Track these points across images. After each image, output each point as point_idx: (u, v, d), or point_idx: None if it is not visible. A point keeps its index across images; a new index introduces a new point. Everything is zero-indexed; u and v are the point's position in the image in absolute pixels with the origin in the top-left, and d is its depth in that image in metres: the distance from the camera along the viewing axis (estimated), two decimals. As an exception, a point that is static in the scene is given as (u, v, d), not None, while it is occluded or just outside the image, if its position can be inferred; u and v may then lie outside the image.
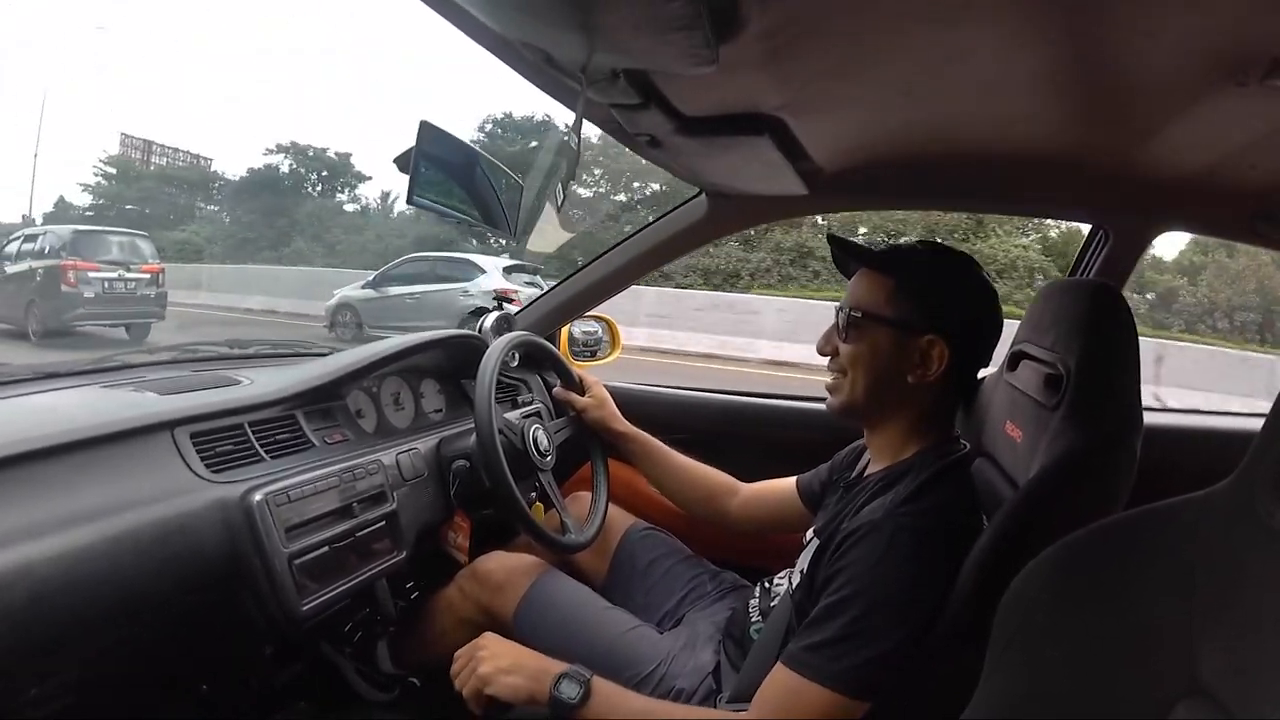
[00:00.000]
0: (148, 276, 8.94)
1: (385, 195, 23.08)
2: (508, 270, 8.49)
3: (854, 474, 1.07)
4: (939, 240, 1.12)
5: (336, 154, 22.77)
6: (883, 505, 0.88)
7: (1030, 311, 1.06)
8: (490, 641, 0.98)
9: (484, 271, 8.48)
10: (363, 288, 9.62)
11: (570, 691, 0.89)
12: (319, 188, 22.91)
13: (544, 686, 0.90)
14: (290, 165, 22.99)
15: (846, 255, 1.02)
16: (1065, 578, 0.63)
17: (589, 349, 1.71)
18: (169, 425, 0.90)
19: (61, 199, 25.40)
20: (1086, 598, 0.62)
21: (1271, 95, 0.74)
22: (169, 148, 24.95)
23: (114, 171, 23.43)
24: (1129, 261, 1.40)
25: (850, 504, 0.96)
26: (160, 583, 0.80)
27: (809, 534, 1.05)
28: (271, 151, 22.96)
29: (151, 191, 23.44)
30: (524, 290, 8.35)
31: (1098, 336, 0.89)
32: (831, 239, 1.03)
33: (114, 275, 8.70)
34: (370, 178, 23.39)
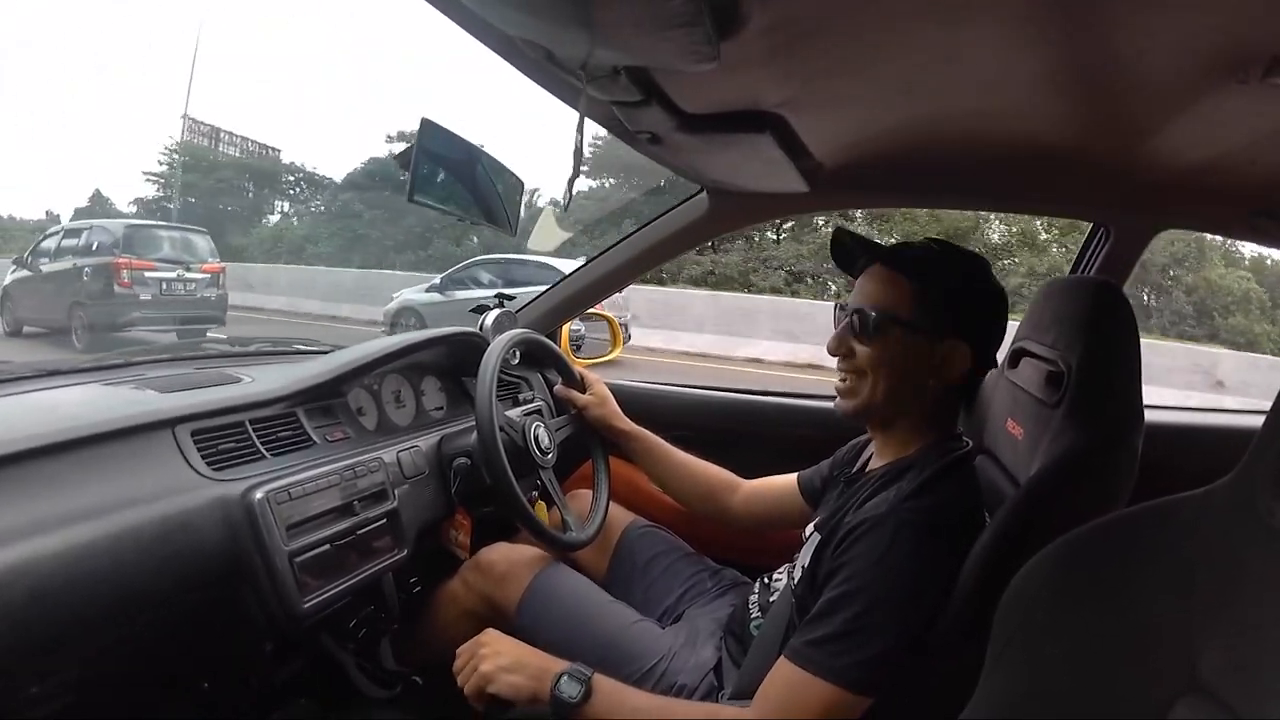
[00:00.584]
0: (207, 277, 8.20)
1: (532, 192, 21.30)
2: None
3: (855, 469, 1.07)
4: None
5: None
6: (886, 500, 0.89)
7: (1031, 309, 1.06)
8: (492, 639, 0.98)
9: (562, 274, 8.11)
10: (426, 291, 9.04)
11: (571, 690, 0.89)
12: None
13: (545, 685, 0.90)
14: (412, 156, 21.10)
15: (860, 252, 1.00)
16: (1065, 575, 0.63)
17: (589, 347, 1.72)
18: (170, 423, 0.90)
19: (98, 192, 23.80)
20: (1086, 595, 0.62)
21: (1272, 93, 0.73)
22: (237, 135, 22.21)
23: (187, 159, 21.09)
24: (1130, 259, 1.40)
25: (853, 499, 0.96)
26: (161, 581, 0.80)
27: (809, 529, 1.04)
28: (392, 140, 20.26)
29: (228, 182, 21.39)
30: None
31: (1099, 334, 0.89)
32: (846, 234, 1.00)
33: (173, 275, 7.90)
34: (501, 172, 21.42)
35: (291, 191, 22.96)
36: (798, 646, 0.85)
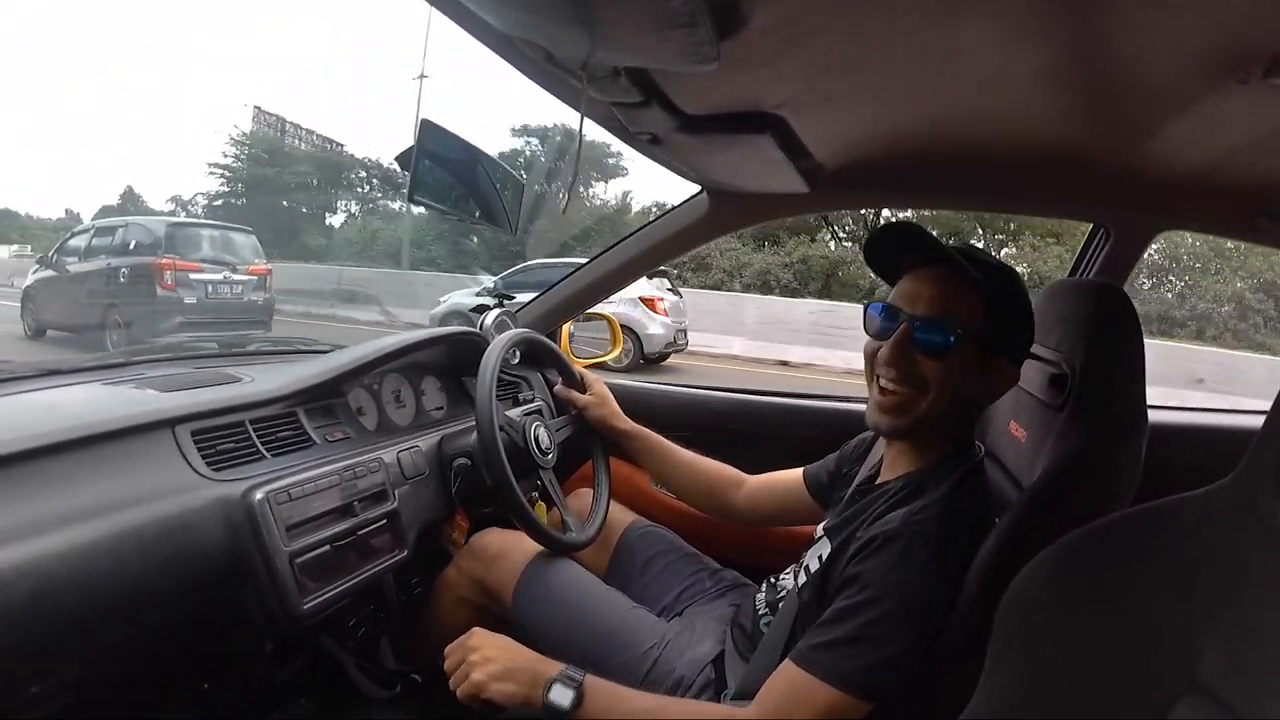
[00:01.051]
0: (254, 279, 7.66)
1: (625, 194, 20.31)
2: (649, 275, 7.87)
3: (865, 472, 1.06)
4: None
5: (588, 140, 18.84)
6: (898, 516, 0.87)
7: (1034, 310, 1.06)
8: (480, 641, 0.95)
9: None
10: (477, 294, 8.55)
11: (563, 698, 0.88)
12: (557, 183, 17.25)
13: (537, 692, 0.89)
14: (532, 151, 19.05)
15: (935, 255, 0.90)
16: (1066, 576, 0.63)
17: (590, 347, 1.72)
18: (170, 423, 0.90)
19: (130, 189, 22.43)
20: (1086, 596, 0.62)
21: (1272, 93, 0.73)
22: (302, 128, 20.33)
23: (262, 154, 19.25)
24: (1130, 260, 1.40)
25: (867, 511, 0.94)
26: (161, 581, 0.80)
27: (819, 530, 1.04)
28: (517, 133, 19.32)
29: (302, 178, 19.61)
30: (668, 298, 8.05)
31: (1103, 336, 0.89)
32: (910, 230, 0.91)
33: (219, 277, 7.35)
34: (626, 171, 19.37)
35: (361, 189, 21.06)
36: (804, 650, 0.85)
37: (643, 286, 7.86)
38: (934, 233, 0.92)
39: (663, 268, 8.60)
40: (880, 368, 0.92)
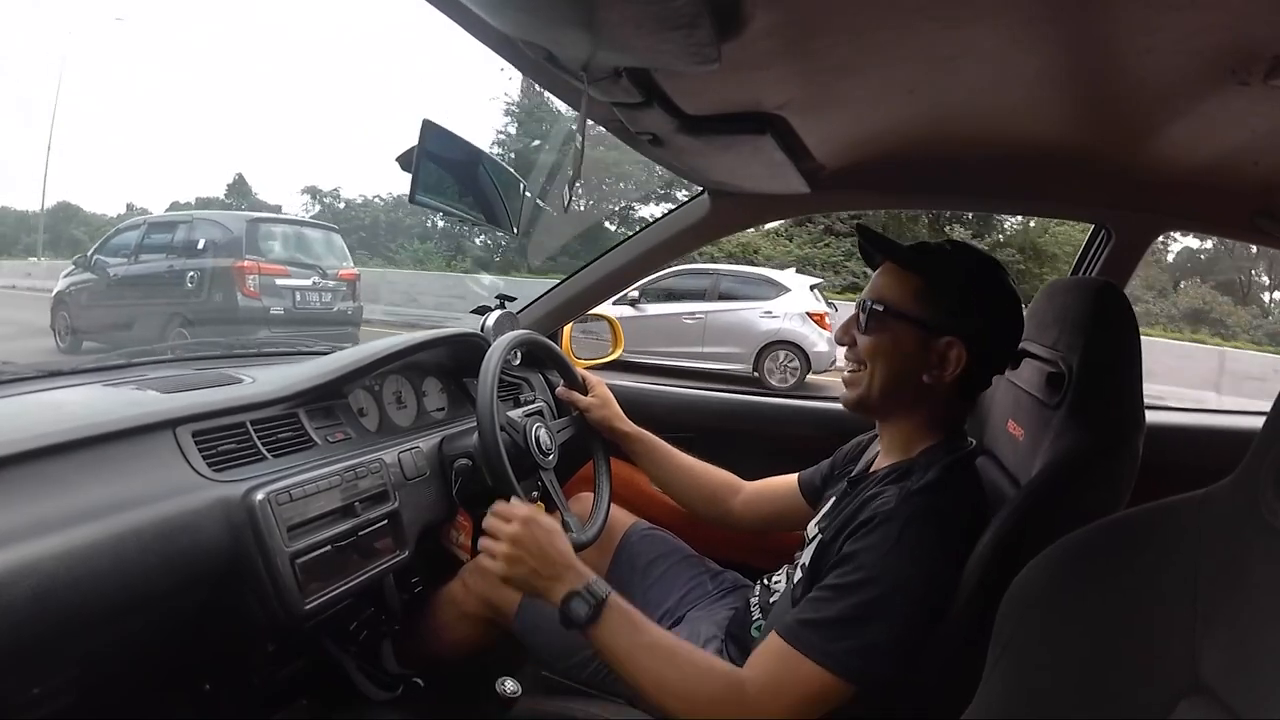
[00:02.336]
0: (344, 286, 6.82)
1: None
2: (813, 288, 7.57)
3: (858, 469, 1.07)
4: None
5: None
6: (893, 497, 0.88)
7: (1033, 309, 1.06)
8: (525, 532, 0.92)
9: (788, 289, 7.40)
10: (614, 304, 7.58)
11: (580, 610, 0.87)
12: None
13: (554, 596, 0.89)
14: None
15: (875, 249, 1.01)
16: (1066, 577, 0.63)
17: (591, 348, 1.72)
18: (171, 424, 0.90)
19: (240, 178, 19.32)
20: (1086, 597, 0.62)
21: (1273, 94, 0.74)
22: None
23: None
24: (1131, 259, 1.40)
25: (857, 497, 0.96)
26: (162, 581, 0.80)
27: (810, 527, 1.04)
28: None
29: (643, 168, 15.81)
30: (830, 312, 7.55)
31: (1100, 335, 0.89)
32: (861, 230, 1.02)
33: (307, 283, 6.45)
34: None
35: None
36: (791, 624, 0.85)
37: (809, 300, 7.37)
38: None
39: (817, 279, 8.26)
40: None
